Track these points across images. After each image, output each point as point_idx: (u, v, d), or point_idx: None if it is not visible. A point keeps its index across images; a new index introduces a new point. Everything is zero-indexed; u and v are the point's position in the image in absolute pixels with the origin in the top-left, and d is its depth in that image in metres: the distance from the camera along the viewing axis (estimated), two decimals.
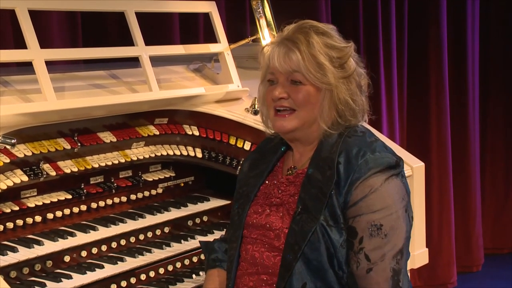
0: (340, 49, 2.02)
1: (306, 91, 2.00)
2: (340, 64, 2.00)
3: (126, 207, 2.63)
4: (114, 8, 2.80)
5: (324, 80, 1.98)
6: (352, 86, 2.02)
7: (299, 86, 2.00)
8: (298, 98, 2.00)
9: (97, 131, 2.52)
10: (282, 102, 2.01)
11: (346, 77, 2.00)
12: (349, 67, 2.02)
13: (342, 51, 2.02)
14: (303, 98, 2.00)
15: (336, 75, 1.99)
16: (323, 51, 1.98)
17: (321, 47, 1.98)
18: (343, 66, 2.01)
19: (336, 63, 2.00)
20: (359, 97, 2.03)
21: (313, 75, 1.97)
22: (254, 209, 2.09)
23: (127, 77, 2.77)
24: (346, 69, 2.01)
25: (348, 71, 2.01)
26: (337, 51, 2.01)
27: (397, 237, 1.93)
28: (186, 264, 2.54)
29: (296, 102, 2.00)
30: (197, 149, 2.80)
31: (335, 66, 1.99)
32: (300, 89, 2.00)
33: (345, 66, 2.01)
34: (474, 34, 5.39)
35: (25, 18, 2.37)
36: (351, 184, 1.94)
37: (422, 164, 3.03)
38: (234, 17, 4.10)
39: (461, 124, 5.36)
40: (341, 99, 1.99)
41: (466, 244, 5.39)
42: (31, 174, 2.29)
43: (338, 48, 2.02)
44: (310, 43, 1.98)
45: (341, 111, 2.00)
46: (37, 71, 2.36)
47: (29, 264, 2.21)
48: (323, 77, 1.98)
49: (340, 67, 2.00)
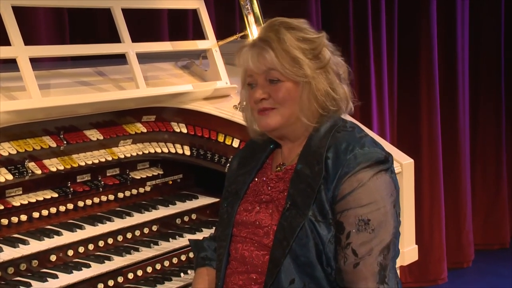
0: (312, 40, 2.02)
1: (285, 88, 1.99)
2: (315, 55, 2.00)
3: (113, 205, 2.61)
4: (101, 5, 2.78)
5: (300, 73, 1.98)
6: (330, 76, 2.01)
7: (277, 84, 2.00)
8: (278, 96, 2.00)
9: (83, 129, 2.50)
10: (264, 104, 2.01)
11: (323, 67, 2.00)
12: (324, 57, 2.01)
13: (314, 42, 2.02)
14: (283, 96, 1.99)
15: (312, 66, 1.99)
16: (295, 45, 1.98)
17: (293, 41, 1.98)
18: (317, 57, 2.00)
19: (310, 54, 1.99)
20: (339, 86, 2.03)
21: (289, 70, 1.97)
22: (243, 206, 2.08)
23: (114, 74, 2.75)
24: (321, 59, 2.01)
25: (324, 61, 2.01)
26: (309, 42, 2.01)
27: (384, 232, 1.92)
28: (174, 263, 2.52)
29: (277, 100, 2.00)
30: (185, 146, 2.78)
31: (310, 58, 1.99)
32: (279, 87, 2.00)
33: (319, 56, 2.01)
34: (464, 31, 5.40)
35: (8, 15, 2.35)
36: (340, 179, 1.93)
37: (412, 161, 3.02)
38: (224, 13, 4.08)
39: (452, 121, 5.37)
40: (320, 90, 1.99)
41: (457, 240, 5.40)
42: (16, 173, 2.27)
43: (310, 40, 2.01)
44: (281, 39, 1.98)
45: (322, 102, 2.00)
46: (21, 68, 2.33)
47: (14, 264, 2.18)
48: (299, 71, 1.97)
49: (315, 58, 2.00)
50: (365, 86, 4.74)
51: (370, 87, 4.78)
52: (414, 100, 5.17)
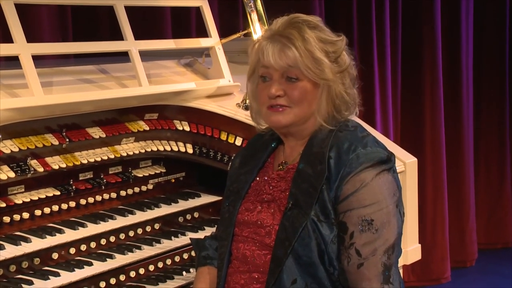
0: (334, 43, 2.00)
1: (302, 87, 1.97)
2: (335, 58, 1.99)
3: (115, 203, 2.61)
4: (103, 2, 2.77)
5: (322, 76, 1.96)
6: (347, 81, 2.01)
7: (295, 83, 1.97)
8: (294, 95, 1.97)
9: (86, 126, 2.49)
10: (278, 100, 1.98)
11: (342, 71, 1.99)
12: (344, 61, 2.01)
13: (336, 45, 2.00)
14: (299, 95, 1.97)
15: (333, 70, 1.97)
16: (318, 46, 1.96)
17: (316, 42, 1.96)
18: (337, 61, 1.99)
19: (332, 57, 1.98)
20: (352, 91, 2.02)
21: (312, 71, 1.95)
22: (245, 206, 2.07)
23: (117, 72, 2.75)
24: (340, 64, 2.00)
25: (343, 66, 2.00)
26: (331, 45, 1.99)
27: (388, 232, 1.91)
28: (176, 261, 2.52)
29: (292, 99, 1.98)
30: (188, 144, 2.77)
31: (331, 61, 1.98)
32: (296, 86, 1.97)
33: (339, 60, 2.00)
34: (468, 28, 5.38)
35: (11, 12, 2.35)
36: (342, 179, 1.92)
37: (415, 160, 3.01)
38: (227, 11, 4.08)
39: (455, 119, 5.35)
40: (337, 94, 1.98)
41: (460, 239, 5.39)
42: (18, 170, 2.27)
43: (332, 42, 2.00)
44: (305, 38, 1.95)
45: (338, 106, 1.99)
46: (23, 65, 2.33)
47: (16, 262, 2.18)
48: (322, 73, 1.96)
49: (335, 61, 1.99)
50: (368, 85, 4.72)
51: (373, 86, 4.77)
52: (418, 99, 5.16)
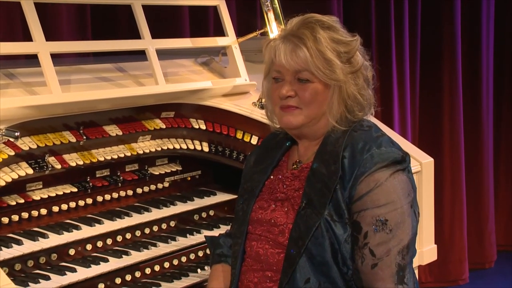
0: (347, 43, 1.99)
1: (313, 89, 1.97)
2: (348, 59, 1.97)
3: (132, 200, 2.63)
4: (121, 1, 2.79)
5: (333, 76, 1.95)
6: (360, 81, 1.99)
7: (306, 84, 1.97)
8: (305, 97, 1.97)
9: (103, 124, 2.51)
10: (289, 101, 1.98)
11: (354, 72, 1.98)
12: (357, 62, 1.99)
13: (349, 45, 1.99)
14: (310, 97, 1.97)
15: (345, 70, 1.96)
16: (330, 47, 1.95)
17: (328, 42, 1.95)
18: (350, 61, 1.98)
19: (344, 58, 1.96)
20: (366, 91, 2.01)
21: (322, 72, 1.94)
22: (259, 204, 2.08)
23: (134, 71, 2.77)
24: (353, 64, 1.98)
25: (356, 66, 1.98)
26: (344, 45, 1.98)
27: (402, 232, 1.91)
28: (191, 259, 2.54)
29: (303, 100, 1.98)
30: (203, 143, 2.79)
31: (343, 62, 1.96)
32: (307, 87, 1.97)
33: (352, 60, 1.98)
34: (489, 28, 5.32)
35: (30, 11, 2.37)
36: (356, 179, 1.91)
37: (431, 160, 2.99)
38: (245, 11, 4.08)
39: (475, 119, 5.30)
40: (349, 95, 1.97)
41: (479, 240, 5.34)
42: (36, 167, 2.30)
43: (345, 43, 1.98)
44: (317, 38, 1.94)
45: (350, 107, 1.98)
46: (42, 63, 2.36)
47: (33, 257, 2.21)
48: (332, 74, 1.95)
49: (348, 62, 1.97)
50: (387, 85, 4.70)
51: (392, 86, 4.74)
52: (437, 99, 5.11)
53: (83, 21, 3.55)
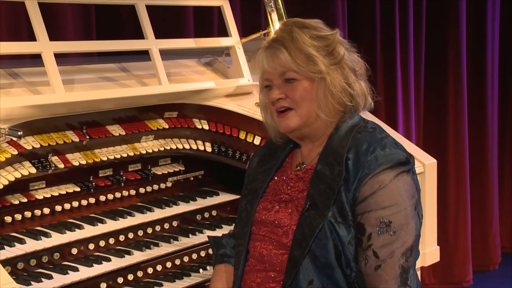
0: (325, 37, 2.02)
1: (301, 87, 1.99)
2: (329, 52, 2.00)
3: (135, 200, 2.63)
4: (125, 1, 2.80)
5: (315, 69, 1.98)
6: (345, 71, 2.01)
7: (293, 84, 2.00)
8: (295, 96, 2.00)
9: (106, 124, 2.52)
10: (281, 103, 2.02)
11: (337, 63, 2.00)
12: (338, 53, 2.01)
13: (328, 39, 2.02)
14: (300, 95, 1.99)
15: (326, 62, 1.99)
16: (308, 43, 1.99)
17: (306, 39, 1.99)
18: (331, 53, 2.00)
19: (324, 51, 1.99)
20: (355, 82, 2.02)
21: (304, 67, 1.97)
22: (263, 205, 2.08)
23: (138, 71, 2.77)
24: (335, 55, 2.00)
25: (338, 57, 2.00)
26: (323, 40, 2.01)
27: (406, 234, 1.91)
28: (194, 259, 2.53)
29: (294, 99, 2.00)
30: (206, 143, 2.79)
31: (323, 55, 1.99)
32: (295, 87, 2.00)
33: (333, 52, 2.00)
34: (494, 30, 5.30)
35: (34, 11, 2.38)
36: (360, 180, 1.91)
37: (434, 161, 2.99)
38: (249, 11, 4.09)
39: (479, 121, 5.28)
40: (336, 86, 1.99)
41: (483, 242, 5.32)
42: (39, 166, 2.30)
43: (323, 37, 2.02)
44: (294, 37, 1.99)
45: (339, 98, 1.99)
46: (46, 63, 2.36)
47: (36, 256, 2.21)
48: (314, 67, 1.97)
49: (329, 54, 2.00)
50: (391, 87, 4.69)
51: (396, 87, 4.72)
52: (441, 101, 5.10)
53: (88, 21, 3.55)
